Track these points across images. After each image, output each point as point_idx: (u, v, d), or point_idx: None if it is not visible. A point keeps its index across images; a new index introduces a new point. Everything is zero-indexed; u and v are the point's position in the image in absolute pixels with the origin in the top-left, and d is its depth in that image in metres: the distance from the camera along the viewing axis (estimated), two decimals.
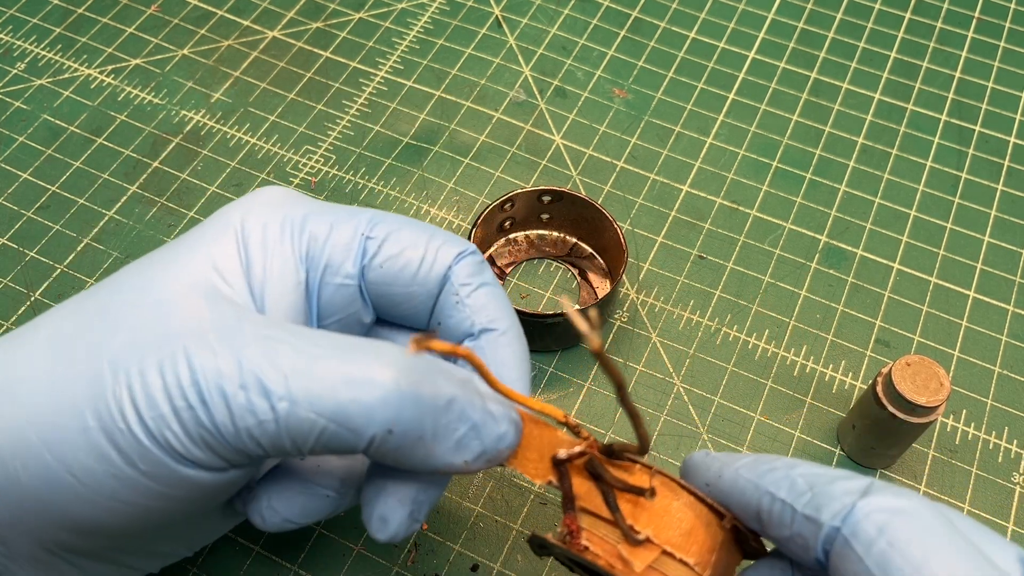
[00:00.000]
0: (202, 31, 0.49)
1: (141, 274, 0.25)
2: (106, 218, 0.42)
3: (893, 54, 0.50)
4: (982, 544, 0.21)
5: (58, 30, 0.49)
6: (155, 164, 0.44)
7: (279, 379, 0.22)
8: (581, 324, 0.19)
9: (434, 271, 0.27)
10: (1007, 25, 0.51)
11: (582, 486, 0.24)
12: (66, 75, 0.47)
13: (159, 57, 0.48)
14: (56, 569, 0.25)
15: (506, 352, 0.27)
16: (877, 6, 0.52)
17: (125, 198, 0.43)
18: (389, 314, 0.28)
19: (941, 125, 0.47)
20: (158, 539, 0.26)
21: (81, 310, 0.24)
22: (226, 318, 0.23)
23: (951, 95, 0.48)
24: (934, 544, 0.20)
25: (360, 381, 0.22)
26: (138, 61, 0.48)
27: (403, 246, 0.27)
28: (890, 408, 0.32)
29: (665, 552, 0.23)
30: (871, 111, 0.47)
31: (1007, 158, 0.46)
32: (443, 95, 0.47)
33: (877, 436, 0.34)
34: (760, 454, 0.24)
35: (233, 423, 0.22)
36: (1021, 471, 0.36)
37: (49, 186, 0.43)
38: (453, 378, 0.23)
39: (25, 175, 0.43)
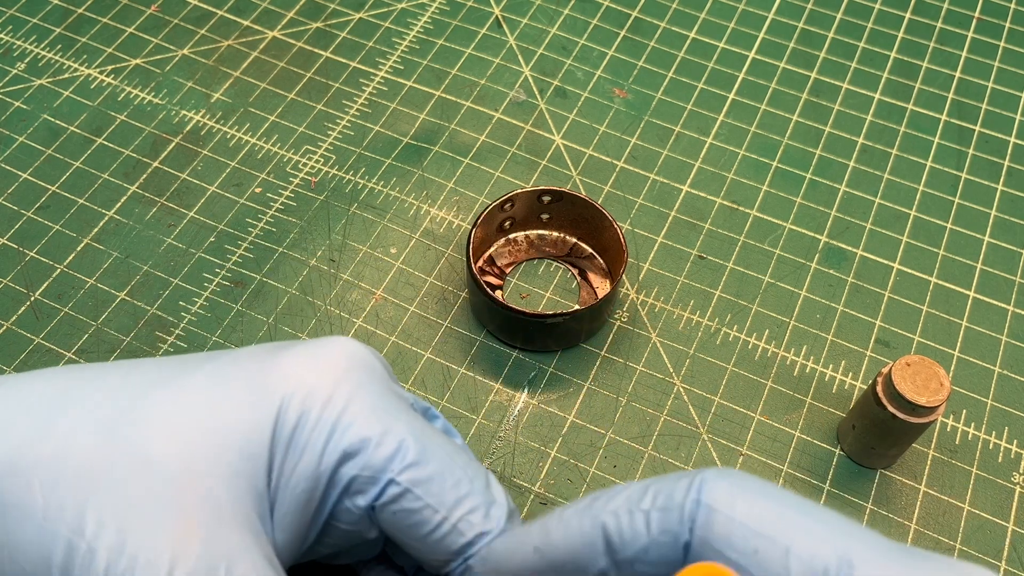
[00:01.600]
0: (202, 31, 0.49)
1: (169, 422, 0.24)
2: (106, 218, 0.42)
3: (893, 54, 0.50)
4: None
5: (58, 30, 0.49)
6: (155, 164, 0.44)
7: None
8: None
9: (445, 543, 0.25)
10: (1007, 25, 0.51)
11: None
12: (66, 75, 0.47)
13: (159, 57, 0.48)
14: None
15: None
16: (877, 6, 0.52)
17: (125, 198, 0.43)
18: (395, 543, 0.27)
19: (941, 125, 0.47)
20: None
21: (94, 444, 0.23)
22: (214, 556, 0.22)
23: (951, 95, 0.48)
24: (787, 499, 0.20)
25: None
26: (138, 61, 0.48)
27: (424, 503, 0.25)
28: (890, 408, 0.32)
29: None
30: (871, 111, 0.47)
31: (1007, 158, 0.46)
32: (443, 95, 0.47)
33: (877, 436, 0.34)
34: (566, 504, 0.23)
35: None
36: (1021, 471, 0.36)
37: (49, 186, 0.43)
38: None
39: (25, 175, 0.43)
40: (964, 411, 0.38)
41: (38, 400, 0.24)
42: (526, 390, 0.38)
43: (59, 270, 0.40)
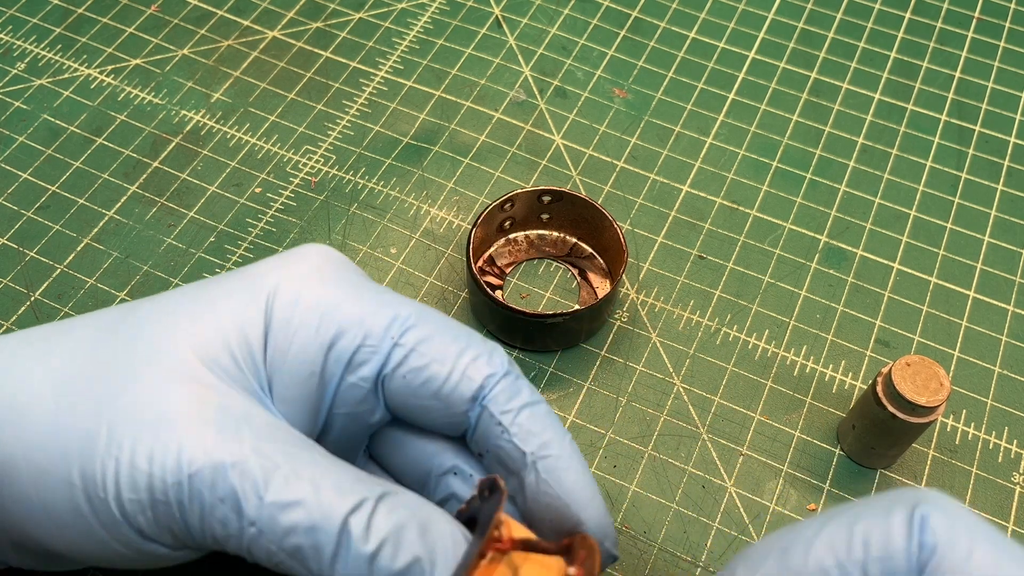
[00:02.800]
0: (202, 31, 0.49)
1: (163, 321, 0.25)
2: (106, 218, 0.42)
3: (893, 54, 0.50)
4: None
5: (58, 30, 0.49)
6: (155, 164, 0.44)
7: (256, 504, 0.22)
8: None
9: (458, 391, 0.25)
10: (1007, 25, 0.51)
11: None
12: (66, 75, 0.47)
13: (159, 57, 0.48)
14: (28, 554, 0.26)
15: (570, 478, 0.25)
16: (877, 6, 0.52)
17: (125, 198, 0.43)
18: (407, 418, 0.27)
19: (941, 125, 0.47)
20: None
21: (99, 343, 0.25)
22: (230, 415, 0.23)
23: (951, 95, 0.48)
24: (999, 548, 0.19)
25: (325, 532, 0.22)
26: (138, 61, 0.48)
27: (430, 359, 0.25)
28: (890, 408, 0.32)
29: None
30: (871, 111, 0.47)
31: (1007, 158, 0.46)
32: (443, 95, 0.47)
33: (877, 436, 0.34)
34: (772, 541, 0.22)
35: (202, 526, 0.22)
36: (1021, 471, 0.36)
37: (49, 186, 0.43)
38: (426, 535, 0.22)
39: (25, 175, 0.43)
40: (964, 411, 0.38)
41: (32, 334, 0.26)
42: None
43: (59, 270, 0.40)
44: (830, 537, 0.20)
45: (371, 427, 0.27)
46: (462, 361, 0.25)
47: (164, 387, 0.23)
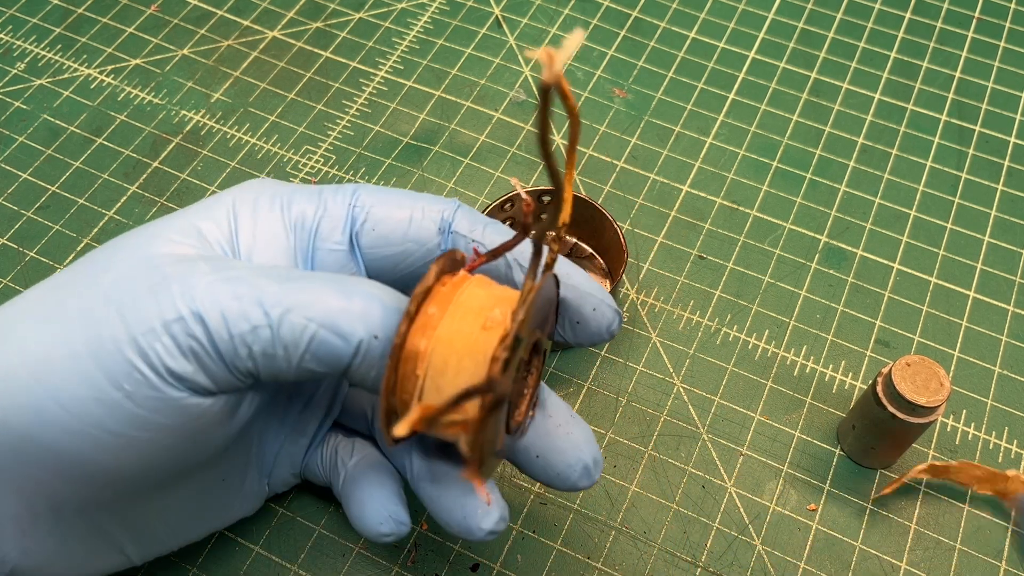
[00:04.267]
0: (202, 31, 0.49)
1: (129, 237, 0.26)
2: (106, 218, 0.42)
3: (893, 54, 0.50)
4: None
5: (58, 30, 0.49)
6: (155, 164, 0.44)
7: (272, 289, 0.23)
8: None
9: (424, 224, 0.28)
10: (1007, 25, 0.51)
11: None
12: (66, 75, 0.47)
13: (159, 57, 0.48)
14: (37, 536, 0.24)
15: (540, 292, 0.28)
16: (877, 6, 0.52)
17: (125, 198, 0.43)
18: (389, 277, 0.28)
19: (941, 125, 0.47)
20: (152, 510, 0.26)
21: (74, 267, 0.25)
22: (215, 260, 0.24)
23: (951, 95, 0.48)
24: None
25: (348, 292, 0.23)
26: (138, 61, 0.48)
27: (390, 208, 0.28)
28: (890, 408, 0.32)
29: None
30: (871, 111, 0.47)
31: (1007, 158, 0.46)
32: (443, 95, 0.47)
33: (877, 436, 0.34)
34: None
35: (227, 329, 0.22)
36: (1021, 471, 0.36)
37: (49, 186, 0.43)
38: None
39: (25, 175, 0.43)
40: (964, 411, 0.38)
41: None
42: None
43: (59, 270, 0.40)
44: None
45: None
46: (418, 204, 0.28)
47: (147, 254, 0.24)
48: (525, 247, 0.27)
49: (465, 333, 0.23)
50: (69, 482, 0.23)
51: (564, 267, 0.27)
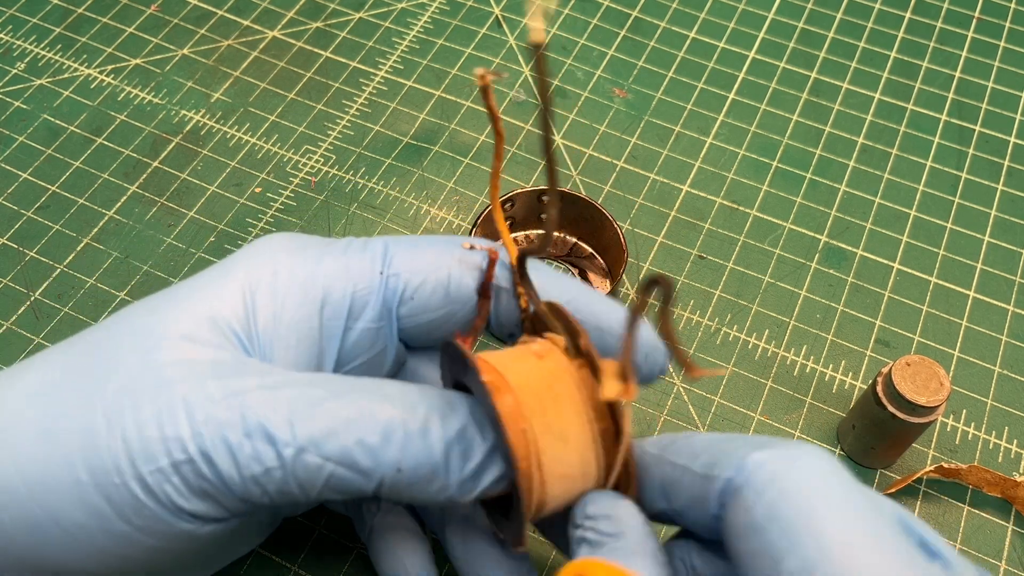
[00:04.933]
0: (202, 31, 0.49)
1: (134, 320, 0.24)
2: (106, 218, 0.42)
3: (893, 54, 0.50)
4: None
5: (58, 30, 0.49)
6: (155, 164, 0.44)
7: (284, 425, 0.21)
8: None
9: (464, 282, 0.25)
10: (1007, 25, 0.51)
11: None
12: (66, 75, 0.47)
13: (159, 57, 0.48)
14: None
15: (605, 309, 0.26)
16: (877, 6, 0.52)
17: (125, 198, 0.43)
18: (428, 340, 0.27)
19: (941, 125, 0.47)
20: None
21: (71, 353, 0.24)
22: (224, 367, 0.22)
23: (951, 95, 0.48)
24: (826, 494, 0.19)
25: (364, 423, 0.21)
26: (138, 61, 0.48)
27: (425, 272, 0.25)
28: (890, 408, 0.32)
29: None
30: (871, 111, 0.47)
31: (1007, 158, 0.46)
32: (443, 95, 0.47)
33: (877, 436, 0.34)
34: (671, 433, 0.24)
35: (239, 472, 0.21)
36: (1021, 471, 0.36)
37: (49, 186, 0.43)
38: (462, 408, 0.22)
39: (25, 175, 0.43)
40: (964, 411, 0.38)
41: None
42: None
43: (59, 270, 0.40)
44: (698, 445, 0.22)
45: (394, 365, 0.27)
46: (452, 255, 0.26)
47: (151, 364, 0.22)
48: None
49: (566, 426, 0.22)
50: None
51: (618, 315, 0.26)
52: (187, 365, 0.22)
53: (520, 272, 0.25)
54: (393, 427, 0.21)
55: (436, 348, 0.27)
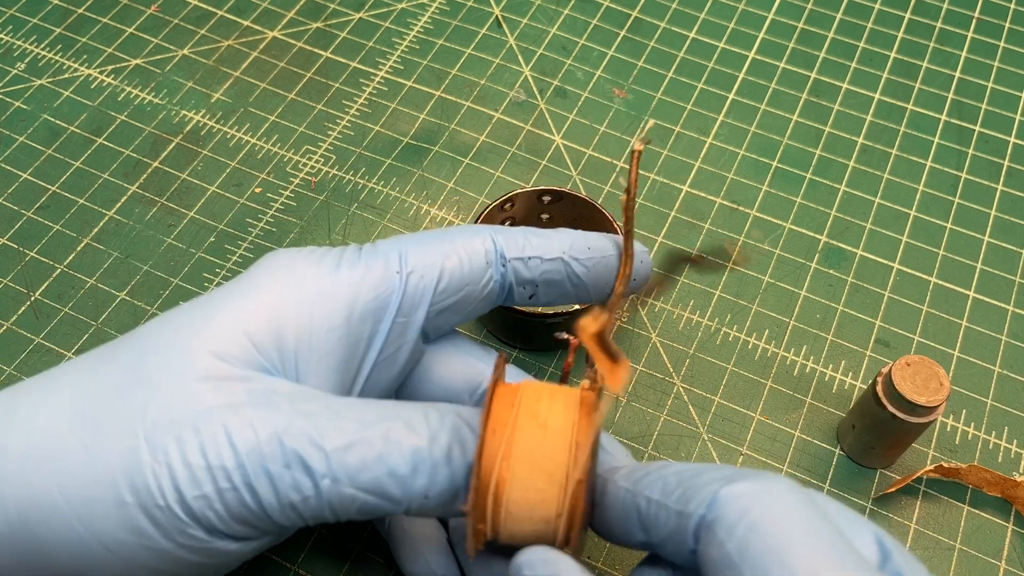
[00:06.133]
0: (202, 31, 0.49)
1: (165, 336, 0.25)
2: (106, 218, 0.42)
3: (893, 54, 0.50)
4: (842, 525, 0.21)
5: (58, 30, 0.49)
6: (155, 164, 0.44)
7: (320, 457, 0.22)
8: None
9: (475, 261, 0.28)
10: (1007, 25, 0.51)
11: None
12: (66, 75, 0.47)
13: (159, 57, 0.48)
14: None
15: (597, 240, 0.30)
16: (877, 6, 0.52)
17: (125, 198, 0.43)
18: (446, 326, 0.29)
19: (941, 125, 0.47)
20: None
21: (104, 372, 0.24)
22: (259, 393, 0.23)
23: (951, 95, 0.48)
24: (794, 527, 0.20)
25: (393, 454, 0.23)
26: (138, 61, 0.48)
27: (440, 263, 0.27)
28: (890, 408, 0.32)
29: None
30: (871, 111, 0.47)
31: (1007, 158, 0.46)
32: (443, 95, 0.47)
33: (877, 436, 0.34)
34: (640, 463, 0.25)
35: (278, 501, 0.22)
36: (1021, 471, 0.36)
37: (49, 186, 0.43)
38: (476, 426, 0.24)
39: (25, 175, 0.43)
40: (964, 411, 0.38)
41: (18, 389, 0.25)
42: None
43: (59, 270, 0.40)
44: (670, 478, 0.23)
45: (401, 374, 0.28)
46: (457, 243, 0.28)
47: (187, 386, 0.23)
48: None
49: (536, 453, 0.23)
50: None
51: (607, 239, 0.30)
52: (223, 389, 0.23)
53: (601, 349, 0.25)
54: (421, 457, 0.23)
55: (450, 338, 0.30)
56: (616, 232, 0.38)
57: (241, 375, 0.24)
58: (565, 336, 0.27)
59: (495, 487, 0.23)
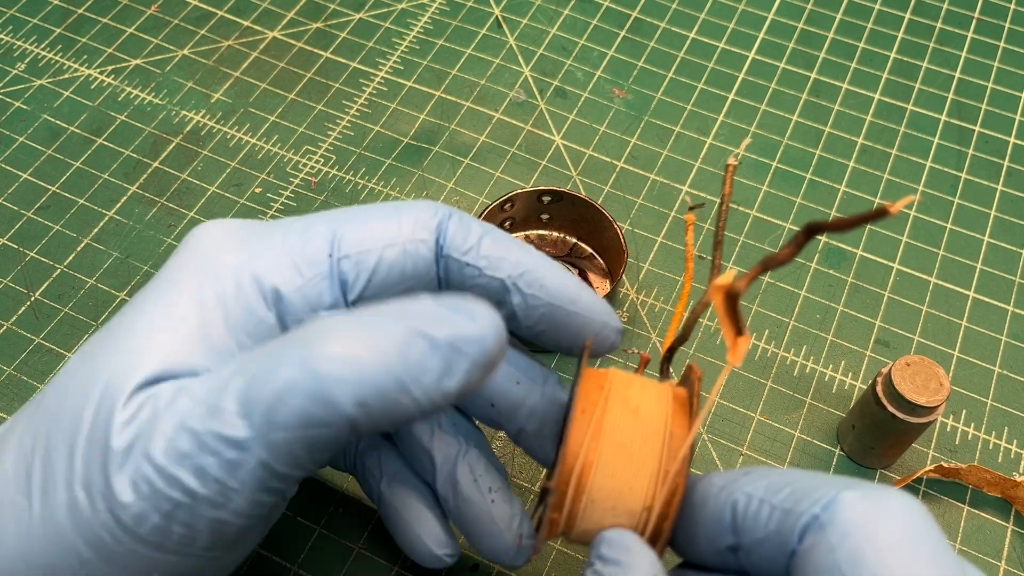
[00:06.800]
0: (202, 31, 0.49)
1: (83, 374, 0.23)
2: (106, 218, 0.42)
3: (893, 54, 0.50)
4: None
5: (58, 30, 0.49)
6: (155, 164, 0.44)
7: (237, 421, 0.20)
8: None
9: (421, 253, 0.24)
10: (1007, 25, 0.51)
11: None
12: (66, 75, 0.47)
13: (159, 57, 0.48)
14: None
15: (550, 281, 0.25)
16: (877, 6, 0.52)
17: (125, 198, 0.43)
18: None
19: (941, 125, 0.47)
20: None
21: (34, 427, 0.23)
22: (168, 400, 0.22)
23: (951, 95, 0.48)
24: (914, 548, 0.19)
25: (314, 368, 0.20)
26: (138, 61, 0.48)
27: (379, 250, 0.24)
28: (890, 408, 0.32)
29: None
30: (871, 111, 0.47)
31: (1007, 158, 0.46)
32: (443, 95, 0.47)
33: (877, 436, 0.34)
34: (740, 468, 0.24)
35: (216, 484, 0.21)
36: (1021, 471, 0.36)
37: (49, 186, 0.43)
38: (406, 313, 0.21)
39: (25, 175, 0.43)
40: (964, 411, 0.38)
41: None
42: None
43: (59, 270, 0.40)
44: (775, 478, 0.22)
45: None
46: (402, 221, 0.24)
47: (109, 428, 0.22)
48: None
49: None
50: None
51: (571, 288, 0.25)
52: (147, 421, 0.21)
53: (728, 314, 0.24)
54: (356, 364, 0.21)
55: None
56: (618, 232, 0.38)
57: (167, 391, 0.22)
58: (635, 351, 0.26)
59: (579, 471, 0.22)
